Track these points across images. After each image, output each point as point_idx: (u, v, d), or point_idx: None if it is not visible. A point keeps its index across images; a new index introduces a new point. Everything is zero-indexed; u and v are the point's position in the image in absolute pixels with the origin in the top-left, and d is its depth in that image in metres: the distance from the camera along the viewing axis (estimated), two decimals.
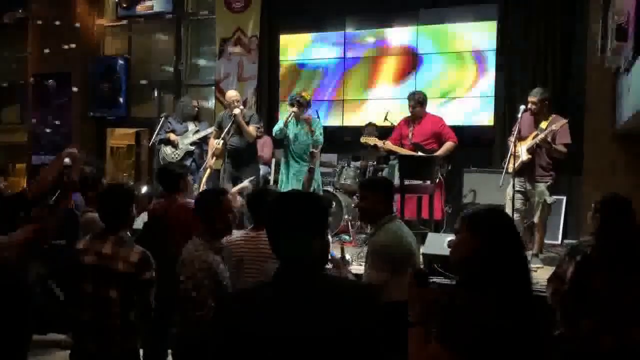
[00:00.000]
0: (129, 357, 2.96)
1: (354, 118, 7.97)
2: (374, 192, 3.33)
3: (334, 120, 8.08)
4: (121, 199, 3.06)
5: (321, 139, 6.17)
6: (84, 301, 2.93)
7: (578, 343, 2.74)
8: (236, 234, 3.37)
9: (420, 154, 5.78)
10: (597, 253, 2.84)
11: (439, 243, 4.37)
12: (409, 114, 6.06)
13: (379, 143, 6.00)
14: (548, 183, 5.17)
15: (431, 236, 4.72)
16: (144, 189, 5.83)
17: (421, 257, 3.97)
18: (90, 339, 2.93)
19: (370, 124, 7.10)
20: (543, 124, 5.12)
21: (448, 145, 5.88)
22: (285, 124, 6.09)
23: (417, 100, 5.93)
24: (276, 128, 6.22)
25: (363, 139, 6.16)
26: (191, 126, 6.67)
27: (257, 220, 3.38)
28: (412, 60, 7.65)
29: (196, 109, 6.79)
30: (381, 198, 3.30)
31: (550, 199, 5.18)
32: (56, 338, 4.60)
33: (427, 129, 5.94)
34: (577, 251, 2.99)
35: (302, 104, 6.12)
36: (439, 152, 5.83)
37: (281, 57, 8.38)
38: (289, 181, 6.19)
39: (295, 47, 8.34)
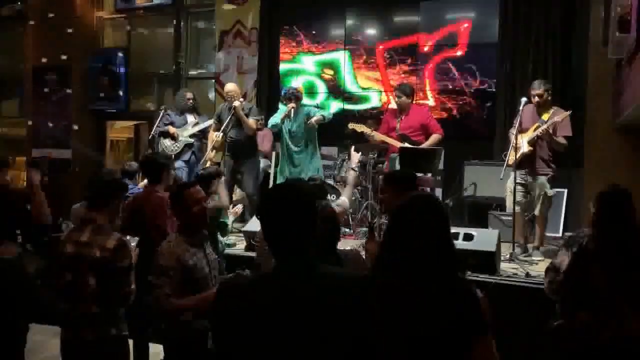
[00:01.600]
0: (106, 344, 2.96)
1: (355, 111, 7.93)
2: (393, 185, 3.34)
3: (334, 113, 8.03)
4: (104, 187, 3.11)
5: (325, 112, 6.39)
6: (64, 290, 2.95)
7: (575, 335, 2.73)
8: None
9: (407, 144, 5.75)
10: (595, 245, 2.83)
11: None
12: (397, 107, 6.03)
13: (367, 130, 5.97)
14: (549, 175, 5.17)
15: None
16: (145, 182, 5.82)
17: None
18: (69, 326, 2.96)
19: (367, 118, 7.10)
20: (545, 116, 5.11)
21: (434, 137, 5.86)
22: (283, 120, 6.09)
23: (403, 91, 5.90)
24: (273, 121, 6.23)
25: (351, 125, 6.15)
26: (190, 118, 6.66)
27: None
28: (413, 53, 7.61)
29: (190, 101, 6.73)
30: (400, 192, 3.28)
31: (550, 192, 5.17)
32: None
33: (414, 120, 5.91)
34: (574, 242, 2.99)
35: (299, 98, 6.17)
36: (425, 144, 5.80)
37: (281, 50, 8.35)
38: (288, 174, 6.21)
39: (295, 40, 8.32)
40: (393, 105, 6.43)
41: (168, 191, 3.94)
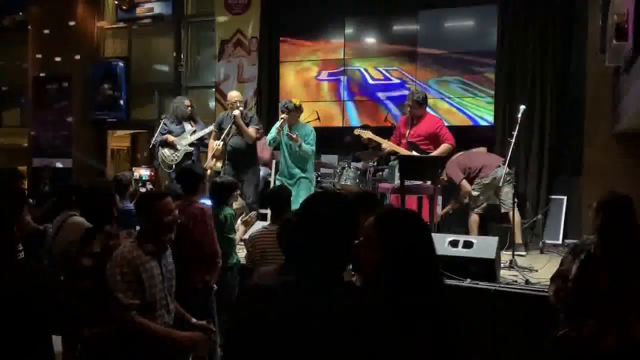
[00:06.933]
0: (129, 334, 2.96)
1: (354, 119, 7.96)
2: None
3: (334, 121, 8.06)
4: (102, 197, 3.14)
5: (308, 147, 6.17)
6: (83, 296, 2.96)
7: (581, 342, 2.73)
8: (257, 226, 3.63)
9: (414, 153, 5.74)
10: (600, 252, 2.83)
11: (440, 243, 4.36)
12: (409, 114, 6.03)
13: (374, 137, 6.01)
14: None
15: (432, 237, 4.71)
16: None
17: None
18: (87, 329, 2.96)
19: (365, 126, 7.11)
20: None
21: (444, 147, 5.78)
22: (278, 132, 6.10)
23: (415, 100, 5.85)
24: (269, 137, 6.23)
25: (357, 131, 6.17)
26: (188, 127, 6.64)
27: (275, 215, 3.74)
28: (412, 61, 7.64)
29: (189, 108, 6.70)
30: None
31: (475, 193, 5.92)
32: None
33: (423, 129, 5.87)
34: (580, 250, 2.97)
35: (290, 110, 6.13)
36: (434, 154, 5.75)
37: (281, 59, 8.38)
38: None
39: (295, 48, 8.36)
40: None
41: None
